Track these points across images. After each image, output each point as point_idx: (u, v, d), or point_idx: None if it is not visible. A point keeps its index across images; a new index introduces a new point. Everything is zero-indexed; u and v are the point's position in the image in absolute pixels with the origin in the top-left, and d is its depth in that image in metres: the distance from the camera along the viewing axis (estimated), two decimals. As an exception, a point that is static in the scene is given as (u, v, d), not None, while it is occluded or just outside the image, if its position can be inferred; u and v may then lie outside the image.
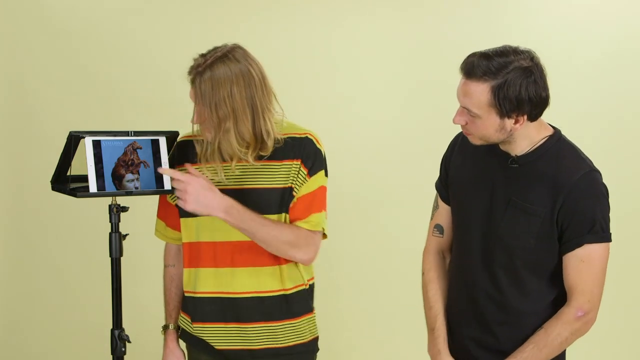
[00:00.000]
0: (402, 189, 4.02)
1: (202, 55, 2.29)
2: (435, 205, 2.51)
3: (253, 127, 2.28)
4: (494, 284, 2.30)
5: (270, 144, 2.31)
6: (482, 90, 2.13)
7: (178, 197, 2.29)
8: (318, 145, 2.39)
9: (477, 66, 2.13)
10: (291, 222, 2.37)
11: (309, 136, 2.38)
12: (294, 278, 2.43)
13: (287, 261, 2.40)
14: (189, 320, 2.47)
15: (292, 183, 2.36)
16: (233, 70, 2.25)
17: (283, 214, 2.37)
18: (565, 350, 2.34)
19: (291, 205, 2.37)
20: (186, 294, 2.48)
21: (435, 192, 2.53)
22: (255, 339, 2.42)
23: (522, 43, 3.75)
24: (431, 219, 2.52)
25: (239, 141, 2.28)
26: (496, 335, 2.32)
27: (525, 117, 2.17)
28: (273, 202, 2.35)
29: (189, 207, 2.26)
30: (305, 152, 2.36)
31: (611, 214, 2.28)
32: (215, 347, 2.45)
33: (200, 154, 2.35)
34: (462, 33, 3.92)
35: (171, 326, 2.55)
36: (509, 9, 4.06)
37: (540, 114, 2.20)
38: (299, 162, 2.36)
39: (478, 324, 2.34)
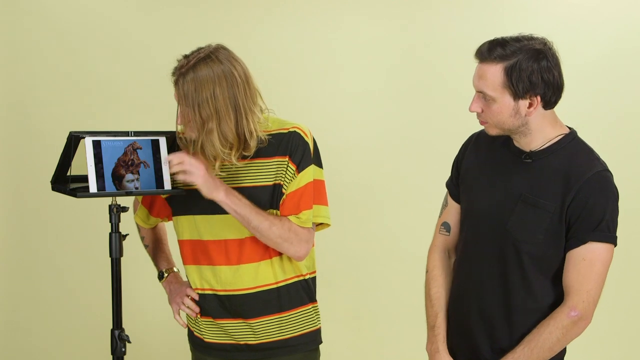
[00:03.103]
0: (404, 188, 4.02)
1: (185, 57, 2.30)
2: (444, 203, 2.51)
3: (236, 128, 2.28)
4: (500, 280, 2.30)
5: (253, 144, 2.31)
6: (495, 71, 2.17)
7: (184, 176, 2.28)
8: (306, 139, 2.38)
9: (490, 49, 2.19)
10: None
11: (297, 130, 2.37)
12: (287, 270, 2.44)
13: (277, 254, 2.41)
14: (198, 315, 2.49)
15: (281, 180, 2.36)
16: (216, 71, 2.25)
17: (274, 211, 2.38)
18: (564, 353, 2.34)
19: (281, 202, 2.37)
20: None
21: (444, 192, 2.52)
22: (252, 334, 2.44)
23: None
24: (439, 216, 2.52)
25: (222, 142, 2.27)
26: (499, 332, 2.31)
27: (539, 99, 2.19)
28: (262, 200, 2.36)
29: (200, 180, 2.26)
30: (293, 148, 2.36)
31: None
32: (217, 342, 2.47)
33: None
34: (461, 33, 3.93)
35: (166, 272, 2.60)
36: (509, 9, 4.06)
37: (555, 101, 2.23)
38: (286, 159, 2.36)
39: (482, 321, 2.34)
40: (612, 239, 2.23)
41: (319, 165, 2.43)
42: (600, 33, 4.01)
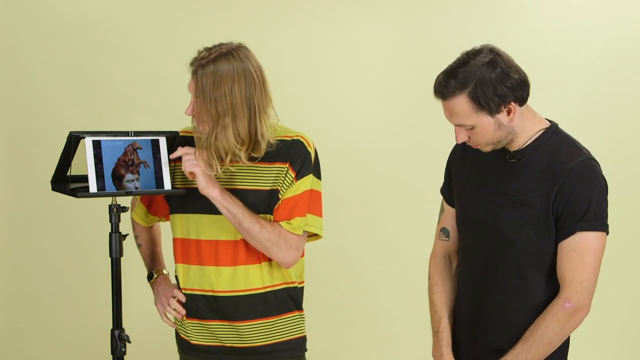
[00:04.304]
0: (402, 189, 4.02)
1: (207, 49, 2.32)
2: (441, 209, 2.52)
3: (249, 127, 2.31)
4: (498, 281, 2.30)
5: (263, 146, 2.33)
6: (461, 103, 2.18)
7: (188, 172, 2.30)
8: (308, 148, 2.40)
9: (446, 86, 2.19)
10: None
11: (300, 139, 2.39)
12: (275, 276, 2.44)
13: (267, 259, 2.41)
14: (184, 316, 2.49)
15: (279, 186, 2.37)
16: (236, 68, 2.28)
17: (267, 216, 2.38)
18: (567, 351, 2.34)
19: (275, 207, 2.38)
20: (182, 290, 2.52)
21: (440, 198, 2.53)
22: (238, 337, 2.44)
23: (521, 43, 3.77)
24: (438, 223, 2.52)
25: (236, 137, 2.30)
26: (501, 333, 2.30)
27: (514, 104, 2.19)
28: (257, 204, 2.37)
29: (200, 175, 2.27)
30: (294, 155, 2.37)
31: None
32: (203, 344, 2.47)
33: (197, 147, 2.37)
34: (461, 33, 3.93)
35: (156, 273, 2.60)
36: (509, 9, 4.06)
37: (527, 95, 2.22)
38: (287, 165, 2.37)
39: (485, 324, 2.34)
40: (600, 227, 2.21)
41: (318, 176, 2.44)
42: (600, 33, 4.01)
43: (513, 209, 2.25)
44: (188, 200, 2.39)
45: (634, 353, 4.12)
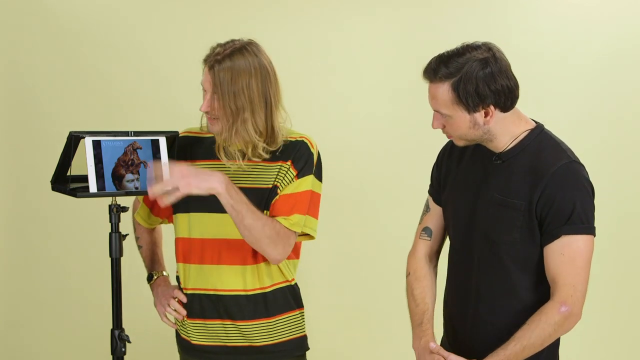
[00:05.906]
0: (402, 189, 4.02)
1: (221, 45, 2.33)
2: (425, 209, 2.52)
3: (266, 120, 2.33)
4: (485, 284, 2.30)
5: (279, 140, 2.36)
6: (444, 90, 2.19)
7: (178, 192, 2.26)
8: (311, 149, 2.41)
9: (436, 69, 2.20)
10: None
11: (304, 140, 2.41)
12: (274, 276, 2.44)
13: (265, 259, 2.41)
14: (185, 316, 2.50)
15: (278, 182, 2.38)
16: (252, 63, 2.30)
17: (265, 212, 2.39)
18: (557, 351, 2.34)
19: (273, 201, 2.38)
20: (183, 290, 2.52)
21: (425, 198, 2.54)
22: (241, 336, 2.44)
23: (521, 43, 3.77)
24: (419, 223, 2.52)
25: (256, 130, 2.32)
26: (487, 336, 2.29)
27: (493, 108, 2.19)
28: (259, 202, 2.36)
29: (194, 190, 2.23)
30: (297, 154, 2.39)
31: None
32: (204, 344, 2.48)
33: (217, 144, 2.37)
34: (460, 33, 3.88)
35: (155, 274, 2.60)
36: (508, 9, 4.06)
37: (511, 104, 2.21)
38: (289, 163, 2.38)
39: (471, 327, 2.34)
40: (587, 230, 2.19)
41: (319, 178, 2.45)
42: (600, 33, 4.01)
43: (497, 211, 2.25)
44: (189, 199, 2.37)
45: (634, 353, 4.12)
